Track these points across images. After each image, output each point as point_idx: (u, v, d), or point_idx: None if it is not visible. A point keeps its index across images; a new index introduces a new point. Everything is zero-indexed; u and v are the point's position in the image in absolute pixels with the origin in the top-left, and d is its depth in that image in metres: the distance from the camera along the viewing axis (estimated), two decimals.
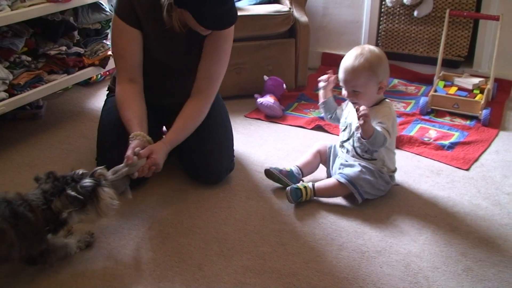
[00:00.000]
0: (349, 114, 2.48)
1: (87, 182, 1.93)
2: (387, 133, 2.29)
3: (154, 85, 2.48)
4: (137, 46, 2.38)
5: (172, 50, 2.44)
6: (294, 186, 2.41)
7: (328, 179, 2.48)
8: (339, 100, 2.58)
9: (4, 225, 1.76)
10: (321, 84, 2.57)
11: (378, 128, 2.28)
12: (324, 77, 2.55)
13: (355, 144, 2.42)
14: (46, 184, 1.92)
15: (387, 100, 2.43)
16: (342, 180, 2.37)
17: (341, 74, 2.36)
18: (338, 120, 2.58)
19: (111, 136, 2.48)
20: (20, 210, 1.81)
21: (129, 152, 2.15)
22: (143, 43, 2.40)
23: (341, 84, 2.39)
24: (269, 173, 2.52)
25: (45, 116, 3.31)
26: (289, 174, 2.50)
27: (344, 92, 2.39)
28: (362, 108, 2.20)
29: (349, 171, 2.40)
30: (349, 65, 2.33)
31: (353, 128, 2.40)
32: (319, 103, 2.62)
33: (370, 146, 2.32)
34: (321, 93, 2.59)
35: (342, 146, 2.51)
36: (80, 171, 1.99)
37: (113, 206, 1.98)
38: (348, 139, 2.45)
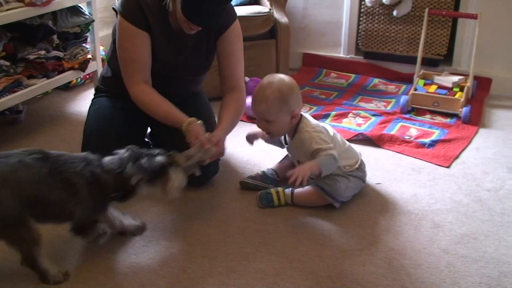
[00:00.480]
0: (291, 152, 2.50)
1: (160, 158, 2.00)
2: (329, 150, 2.26)
3: (158, 86, 2.45)
4: (147, 49, 2.36)
5: (178, 52, 2.43)
6: (265, 190, 2.41)
7: (307, 187, 2.41)
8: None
9: (80, 180, 1.87)
10: (247, 139, 2.58)
11: (322, 156, 2.25)
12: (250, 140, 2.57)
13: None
14: (124, 154, 2.00)
15: (301, 120, 2.37)
16: (320, 192, 2.35)
17: (253, 105, 2.35)
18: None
19: (98, 137, 2.47)
20: (97, 171, 1.92)
21: (202, 138, 2.19)
22: (157, 50, 2.39)
23: (254, 115, 2.40)
24: (244, 184, 2.51)
25: (25, 121, 3.28)
26: (263, 177, 2.51)
27: (257, 121, 2.39)
28: (291, 180, 2.18)
29: (325, 182, 2.35)
30: (260, 95, 2.30)
31: (295, 163, 2.45)
32: (264, 142, 2.61)
33: (328, 173, 2.30)
34: (250, 141, 2.58)
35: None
36: (157, 150, 2.05)
37: (179, 189, 2.06)
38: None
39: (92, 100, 2.68)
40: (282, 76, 2.36)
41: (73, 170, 1.88)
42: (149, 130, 2.74)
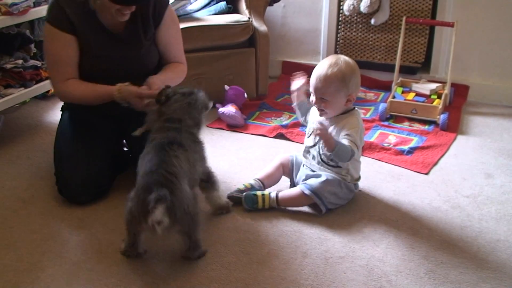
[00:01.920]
0: (314, 120, 2.49)
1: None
2: (355, 146, 2.30)
3: (114, 74, 2.46)
4: (72, 51, 2.39)
5: (117, 53, 2.44)
6: (251, 192, 2.41)
7: (293, 189, 2.48)
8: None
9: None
10: (294, 86, 2.52)
11: (345, 142, 2.29)
12: (297, 77, 2.52)
13: (321, 151, 2.42)
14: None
15: (356, 109, 2.43)
16: (307, 192, 2.37)
17: (312, 80, 2.36)
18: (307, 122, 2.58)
19: (67, 151, 2.47)
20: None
21: (141, 91, 2.29)
22: (89, 52, 2.41)
23: (311, 89, 2.39)
24: (233, 199, 2.48)
25: (2, 130, 3.24)
26: (251, 190, 2.48)
27: (312, 98, 2.39)
28: (317, 127, 2.23)
29: (314, 181, 2.39)
30: (321, 73, 2.31)
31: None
32: (293, 104, 2.59)
33: (337, 159, 2.33)
34: (294, 95, 2.55)
35: (307, 151, 2.50)
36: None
37: None
38: (314, 145, 2.45)
39: (61, 116, 2.69)
40: (346, 58, 2.36)
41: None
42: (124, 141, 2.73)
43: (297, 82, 2.51)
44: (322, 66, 2.34)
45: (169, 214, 1.85)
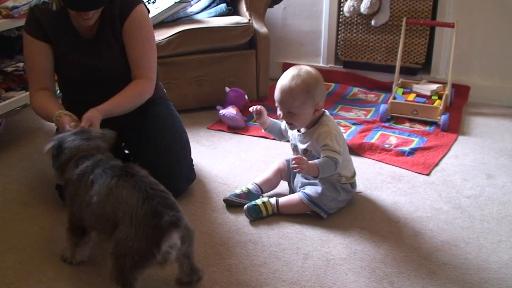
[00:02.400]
0: (293, 136, 2.48)
1: None
2: (335, 153, 2.28)
3: (99, 99, 2.45)
4: (45, 58, 2.41)
5: (90, 57, 2.43)
6: (252, 203, 2.39)
7: (292, 195, 2.46)
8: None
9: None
10: (256, 116, 2.53)
11: (325, 154, 2.28)
12: (253, 109, 2.50)
13: None
14: None
15: (325, 114, 2.40)
16: (306, 201, 2.36)
17: (277, 95, 2.32)
18: (285, 138, 2.57)
19: None
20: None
21: (67, 127, 2.16)
22: (64, 58, 2.42)
23: (276, 104, 2.35)
24: (228, 202, 2.48)
25: (3, 133, 3.24)
26: (248, 194, 2.47)
27: (279, 112, 2.36)
28: (293, 164, 2.25)
29: (311, 190, 2.38)
30: (285, 86, 2.28)
31: (300, 151, 2.42)
32: (263, 130, 2.61)
33: (326, 175, 2.33)
34: (259, 123, 2.56)
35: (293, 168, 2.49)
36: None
37: None
38: None
39: None
40: (308, 68, 2.34)
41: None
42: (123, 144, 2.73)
43: (255, 109, 2.50)
44: (285, 79, 2.31)
45: (182, 235, 1.79)
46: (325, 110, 2.42)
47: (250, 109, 2.51)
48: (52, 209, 2.47)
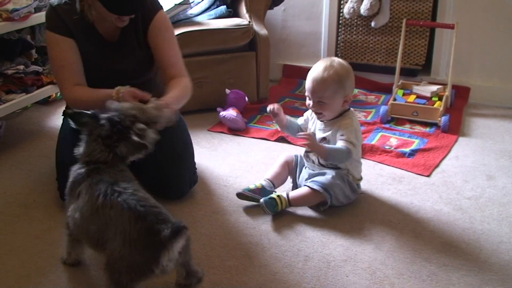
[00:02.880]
0: (313, 126, 2.49)
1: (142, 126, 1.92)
2: (350, 144, 2.31)
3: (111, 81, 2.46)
4: (74, 53, 2.40)
5: (111, 57, 2.45)
6: (268, 197, 2.40)
7: (301, 188, 2.47)
8: (292, 110, 2.50)
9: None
10: (273, 115, 2.53)
11: (341, 142, 2.30)
12: (270, 109, 2.51)
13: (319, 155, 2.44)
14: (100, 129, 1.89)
15: (350, 110, 2.45)
16: (316, 187, 2.37)
17: (308, 84, 2.37)
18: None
19: (69, 157, 2.46)
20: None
21: (139, 93, 2.19)
22: (87, 61, 2.43)
23: (307, 93, 2.39)
24: (241, 196, 2.47)
25: (4, 136, 3.24)
26: (262, 190, 2.47)
27: (308, 102, 2.40)
28: (302, 135, 2.30)
29: (321, 178, 2.40)
30: (318, 76, 2.33)
31: (317, 140, 2.42)
32: (282, 130, 2.63)
33: (335, 162, 2.35)
34: (276, 121, 2.57)
35: (307, 156, 2.51)
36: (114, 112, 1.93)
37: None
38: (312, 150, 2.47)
39: (62, 123, 2.68)
40: (340, 60, 2.39)
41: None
42: None
43: (272, 109, 2.51)
44: (318, 69, 2.35)
45: (184, 244, 1.76)
46: (350, 107, 2.46)
47: (268, 109, 2.52)
48: (53, 212, 2.47)
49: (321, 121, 2.45)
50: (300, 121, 2.59)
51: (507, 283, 2.00)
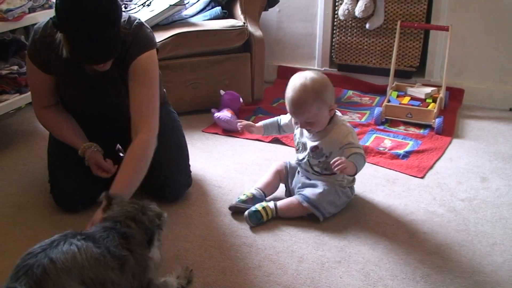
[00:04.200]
0: (301, 135, 2.47)
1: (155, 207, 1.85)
2: (360, 149, 2.30)
3: (100, 114, 2.47)
4: (46, 85, 2.40)
5: (93, 91, 2.38)
6: (253, 209, 2.37)
7: (290, 198, 2.45)
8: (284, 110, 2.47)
9: (124, 252, 1.67)
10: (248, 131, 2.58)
11: (352, 150, 2.27)
12: (240, 128, 2.55)
13: (312, 163, 2.41)
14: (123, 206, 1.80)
15: (337, 114, 2.41)
16: (305, 204, 2.36)
17: (290, 109, 2.30)
18: (289, 131, 2.58)
19: (61, 159, 2.47)
20: (125, 230, 1.73)
21: (103, 164, 2.31)
22: (67, 88, 2.41)
23: (291, 115, 2.37)
24: (235, 208, 2.45)
25: None
26: (254, 200, 2.45)
27: (295, 120, 2.37)
28: (335, 165, 2.17)
29: (310, 192, 2.38)
30: (296, 99, 2.26)
31: (308, 148, 2.41)
32: (264, 135, 2.65)
33: (358, 171, 2.31)
34: (253, 133, 2.60)
35: (299, 164, 2.50)
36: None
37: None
38: (304, 158, 2.44)
39: None
40: (311, 74, 2.31)
41: (113, 244, 1.67)
42: (118, 146, 2.73)
43: (242, 128, 2.55)
44: (294, 91, 2.27)
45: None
46: (336, 110, 2.42)
47: (238, 127, 2.55)
48: (46, 213, 2.46)
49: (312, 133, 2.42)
50: (284, 119, 2.55)
51: (501, 285, 2.00)
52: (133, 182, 2.15)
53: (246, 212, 2.37)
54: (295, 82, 2.30)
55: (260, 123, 2.57)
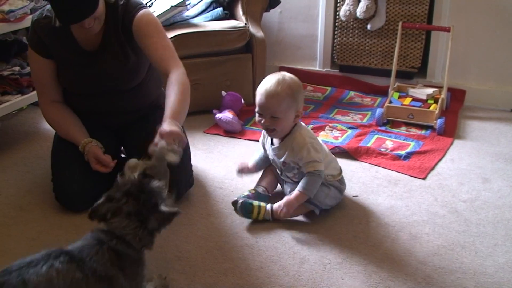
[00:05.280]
0: (269, 151, 2.48)
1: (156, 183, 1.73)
2: (317, 163, 2.30)
3: (101, 107, 2.48)
4: (49, 73, 2.46)
5: (97, 67, 2.42)
6: (249, 201, 2.38)
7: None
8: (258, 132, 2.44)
9: (112, 271, 1.60)
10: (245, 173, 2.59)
11: (308, 169, 2.30)
12: (239, 169, 2.58)
13: (289, 176, 2.44)
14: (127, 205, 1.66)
15: (299, 123, 2.40)
16: None
17: (261, 99, 2.30)
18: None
19: (64, 159, 2.47)
20: (118, 247, 1.63)
21: (102, 157, 2.33)
22: (68, 70, 2.44)
23: (258, 109, 2.34)
24: (237, 203, 2.44)
25: None
26: (256, 195, 2.47)
27: (259, 118, 2.34)
28: (280, 213, 2.31)
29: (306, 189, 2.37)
30: (271, 90, 2.27)
31: (279, 164, 2.44)
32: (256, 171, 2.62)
33: (316, 190, 2.35)
34: (248, 174, 2.60)
35: (280, 174, 2.52)
36: (131, 176, 1.74)
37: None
38: (281, 173, 2.49)
39: None
40: (289, 74, 2.35)
41: (101, 262, 1.59)
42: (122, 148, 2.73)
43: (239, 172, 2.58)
44: (270, 84, 2.29)
45: None
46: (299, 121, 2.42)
47: (236, 171, 2.58)
48: (48, 213, 2.46)
49: (272, 138, 2.42)
50: (260, 144, 2.57)
51: (503, 285, 2.00)
52: (183, 105, 2.19)
53: (240, 200, 2.37)
54: (272, 77, 2.33)
55: (252, 163, 2.58)
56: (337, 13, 3.92)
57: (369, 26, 3.80)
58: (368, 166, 2.90)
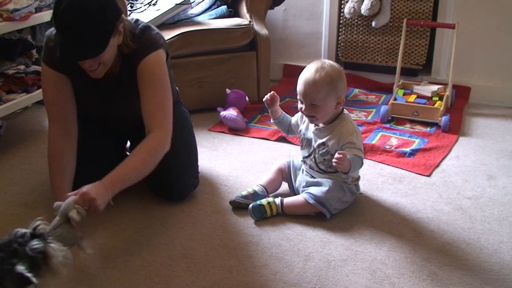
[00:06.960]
0: (307, 130, 2.48)
1: (36, 243, 1.67)
2: (360, 151, 2.30)
3: (111, 121, 2.48)
4: (68, 93, 2.33)
5: (109, 102, 2.38)
6: (257, 202, 2.39)
7: (297, 196, 2.46)
8: (293, 110, 2.49)
9: None
10: (268, 103, 2.52)
11: (353, 151, 2.28)
12: (267, 97, 2.50)
13: (318, 161, 2.42)
14: None
15: (345, 112, 2.42)
16: (311, 201, 2.36)
17: (300, 87, 2.33)
18: (294, 133, 2.59)
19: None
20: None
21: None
22: (81, 97, 2.36)
23: (299, 97, 2.36)
24: (234, 203, 2.47)
25: (4, 136, 3.25)
26: (254, 195, 2.47)
27: (300, 105, 2.36)
28: (335, 159, 2.21)
29: (316, 190, 2.38)
30: (310, 78, 2.29)
31: (314, 145, 2.42)
32: (271, 121, 2.62)
33: (353, 172, 2.33)
34: (270, 112, 2.56)
35: (304, 161, 2.50)
36: (21, 231, 1.72)
37: (67, 262, 1.76)
38: (309, 155, 2.46)
39: None
40: (331, 62, 2.36)
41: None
42: (128, 143, 2.73)
43: (268, 101, 2.50)
44: (309, 72, 2.32)
45: None
46: (344, 109, 2.43)
47: (264, 99, 2.50)
48: (54, 212, 2.46)
49: (315, 125, 2.43)
50: (294, 119, 2.57)
51: (508, 282, 2.00)
52: (132, 174, 2.14)
53: (251, 206, 2.39)
54: (314, 63, 2.34)
55: (282, 113, 2.58)
56: (342, 10, 3.91)
57: (373, 23, 3.80)
58: (373, 163, 2.90)
